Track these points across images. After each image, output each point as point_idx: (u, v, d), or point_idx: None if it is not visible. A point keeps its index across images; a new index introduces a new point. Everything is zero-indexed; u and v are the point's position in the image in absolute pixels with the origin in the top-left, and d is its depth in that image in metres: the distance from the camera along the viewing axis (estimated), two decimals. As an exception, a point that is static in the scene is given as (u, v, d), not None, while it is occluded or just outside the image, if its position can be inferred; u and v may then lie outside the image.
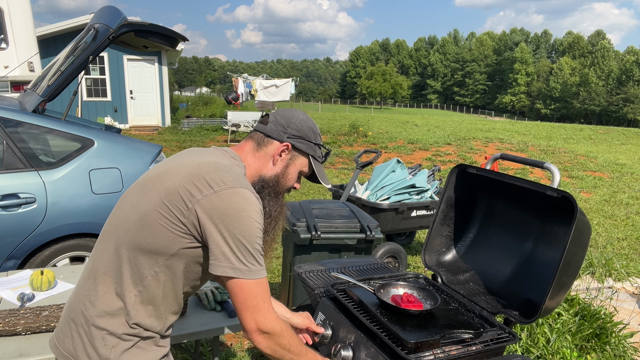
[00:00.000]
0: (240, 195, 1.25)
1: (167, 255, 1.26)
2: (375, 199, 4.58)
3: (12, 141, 3.03)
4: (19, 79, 6.37)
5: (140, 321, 1.28)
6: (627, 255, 5.61)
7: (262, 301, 1.26)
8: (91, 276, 1.31)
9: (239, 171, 1.36)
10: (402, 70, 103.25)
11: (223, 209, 1.22)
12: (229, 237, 1.22)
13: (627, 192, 9.57)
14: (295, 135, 1.44)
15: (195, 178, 1.26)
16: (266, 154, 1.43)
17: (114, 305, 1.27)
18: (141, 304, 1.28)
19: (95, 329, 1.26)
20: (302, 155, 1.47)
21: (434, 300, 1.68)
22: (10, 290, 2.14)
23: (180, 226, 1.24)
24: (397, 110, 69.87)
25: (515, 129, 21.01)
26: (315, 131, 1.48)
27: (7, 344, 1.69)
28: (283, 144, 1.43)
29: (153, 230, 1.25)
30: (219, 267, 1.23)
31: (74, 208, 3.10)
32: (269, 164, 1.43)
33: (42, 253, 3.09)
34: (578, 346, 3.08)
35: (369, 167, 9.36)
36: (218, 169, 1.29)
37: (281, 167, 1.44)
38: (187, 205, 1.23)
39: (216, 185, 1.24)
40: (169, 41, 3.61)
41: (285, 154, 1.44)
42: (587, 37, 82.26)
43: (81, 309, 1.29)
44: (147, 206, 1.27)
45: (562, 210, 1.60)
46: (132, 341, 1.28)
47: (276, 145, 1.43)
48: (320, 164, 1.52)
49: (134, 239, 1.26)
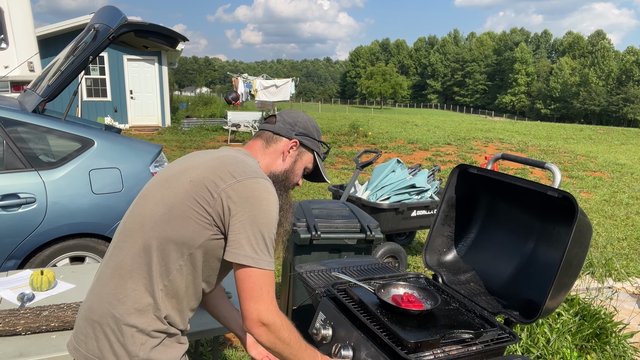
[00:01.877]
0: (261, 184, 1.31)
1: (193, 247, 1.30)
2: (375, 199, 4.58)
3: (12, 141, 3.03)
4: (19, 79, 6.37)
5: (168, 314, 1.32)
6: (627, 255, 5.61)
7: (267, 292, 1.28)
8: (116, 275, 1.32)
9: (256, 165, 1.42)
10: (402, 70, 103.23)
11: (246, 196, 1.28)
12: (248, 223, 1.27)
13: (627, 192, 9.57)
14: (302, 133, 1.52)
15: (218, 169, 1.32)
16: (275, 150, 1.50)
17: (143, 302, 1.29)
18: (167, 297, 1.31)
19: (126, 326, 1.28)
20: (308, 151, 1.55)
21: (434, 300, 1.68)
22: (10, 290, 2.13)
23: (206, 217, 1.28)
24: (397, 110, 69.89)
25: (515, 129, 21.01)
26: (317, 130, 1.58)
27: (7, 344, 1.69)
28: (292, 140, 1.50)
29: (181, 222, 1.28)
30: (232, 254, 1.27)
31: (74, 208, 3.10)
32: (279, 160, 1.50)
33: (42, 253, 3.09)
34: (578, 346, 3.08)
35: (369, 167, 9.35)
36: (238, 161, 1.36)
37: (290, 163, 1.51)
38: (212, 195, 1.28)
39: (239, 175, 1.30)
40: (169, 41, 3.61)
41: (294, 150, 1.51)
42: (587, 37, 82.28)
43: (108, 309, 1.30)
44: (173, 199, 1.31)
45: (563, 211, 1.60)
46: (159, 338, 1.31)
47: (285, 142, 1.50)
48: (322, 161, 1.60)
49: (163, 232, 1.29)
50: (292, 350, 1.34)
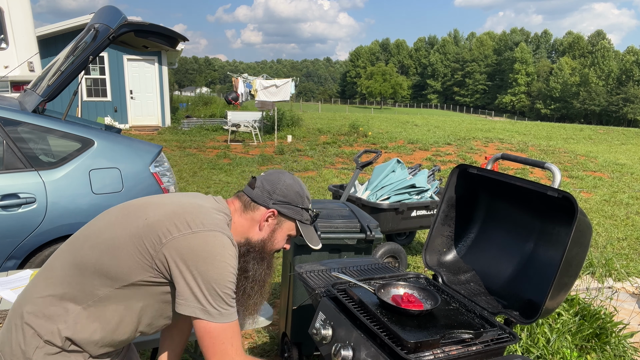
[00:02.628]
0: (217, 239, 1.26)
1: (124, 283, 1.25)
2: (375, 199, 4.58)
3: (12, 141, 3.03)
4: (19, 79, 6.37)
5: (74, 335, 1.25)
6: (627, 255, 5.61)
7: (231, 345, 1.25)
8: (44, 276, 1.31)
9: (222, 219, 1.35)
10: (402, 70, 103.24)
11: (197, 250, 1.23)
12: (200, 278, 1.22)
13: (627, 192, 9.57)
14: (281, 201, 1.44)
15: (177, 216, 1.27)
16: (252, 218, 1.44)
17: (52, 310, 1.25)
18: (87, 319, 1.26)
19: (27, 326, 1.25)
20: (289, 220, 1.47)
21: (434, 300, 1.68)
22: (10, 290, 2.14)
23: (147, 259, 1.24)
24: (397, 110, 69.88)
25: (515, 129, 21.01)
26: (302, 195, 1.48)
27: (7, 344, 1.69)
28: (269, 210, 1.43)
29: (118, 254, 1.24)
30: (188, 307, 1.23)
31: (74, 208, 3.10)
32: (256, 228, 1.44)
33: (42, 253, 3.09)
34: (578, 346, 3.08)
35: (369, 167, 9.36)
36: (200, 212, 1.30)
37: (267, 233, 1.45)
38: (161, 240, 1.24)
39: (195, 226, 1.26)
40: (169, 41, 3.60)
41: (272, 220, 1.45)
42: (587, 37, 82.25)
43: (21, 305, 1.29)
44: (122, 231, 1.27)
45: (563, 211, 1.59)
46: (56, 349, 1.26)
47: (262, 212, 1.43)
48: (309, 226, 1.53)
49: (99, 257, 1.26)
50: None
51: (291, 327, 2.83)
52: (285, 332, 2.95)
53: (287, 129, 16.05)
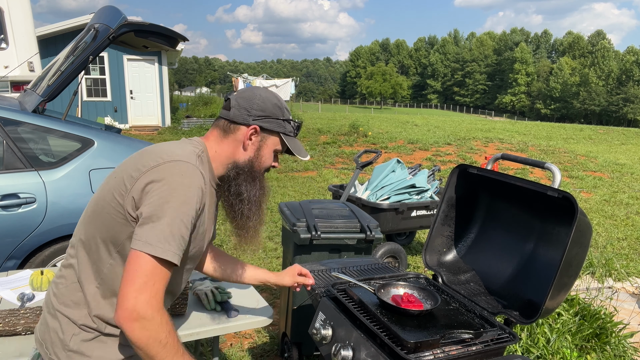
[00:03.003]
0: (178, 167, 1.21)
1: (118, 244, 1.23)
2: (375, 199, 4.58)
3: (12, 141, 3.03)
4: (19, 79, 6.37)
5: (101, 314, 1.26)
6: (627, 255, 5.61)
7: (153, 284, 1.13)
8: (64, 264, 1.34)
9: (190, 149, 1.30)
10: (402, 70, 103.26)
11: (157, 180, 1.18)
12: (154, 207, 1.15)
13: (627, 192, 9.57)
14: (261, 116, 1.38)
15: (139, 160, 1.25)
16: (235, 139, 1.38)
17: (76, 296, 1.27)
18: (103, 298, 1.26)
19: (60, 315, 1.27)
20: (273, 134, 1.41)
21: (434, 300, 1.68)
22: (10, 290, 2.13)
23: (121, 211, 1.21)
24: (397, 110, 69.87)
25: (515, 129, 21.01)
26: (280, 106, 1.41)
27: (7, 344, 1.69)
28: (250, 127, 1.37)
29: (102, 218, 1.24)
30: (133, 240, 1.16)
31: (74, 208, 3.10)
32: (240, 149, 1.38)
33: (42, 253, 3.09)
34: (578, 346, 3.08)
35: (369, 167, 9.36)
36: (163, 148, 1.27)
37: (253, 151, 1.39)
38: (126, 187, 1.21)
39: (156, 161, 1.22)
40: (169, 41, 3.60)
41: (255, 137, 1.39)
42: (587, 37, 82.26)
43: (51, 296, 1.32)
44: (99, 195, 1.28)
45: (563, 211, 1.59)
46: (92, 334, 1.26)
47: (243, 130, 1.37)
48: (294, 138, 1.46)
49: (89, 230, 1.27)
50: (168, 354, 1.16)
51: (291, 327, 2.83)
52: (285, 332, 2.95)
53: (287, 129, 16.00)
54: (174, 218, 1.16)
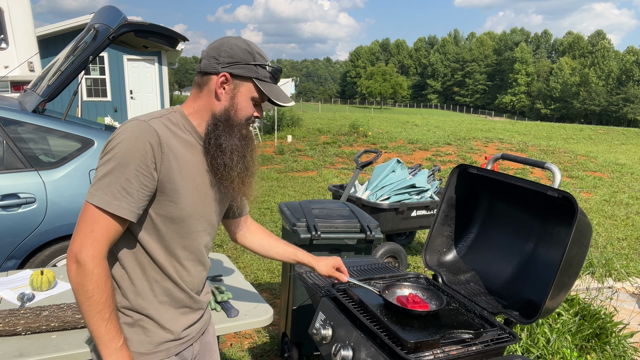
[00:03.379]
0: (121, 128, 1.22)
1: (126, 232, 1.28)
2: (375, 199, 4.58)
3: (12, 141, 3.03)
4: (19, 79, 6.37)
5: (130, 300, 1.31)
6: (627, 255, 5.61)
7: (92, 231, 1.18)
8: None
9: (150, 113, 1.32)
10: (402, 70, 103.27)
11: (106, 142, 1.24)
12: (98, 165, 1.22)
13: (627, 192, 9.57)
14: (230, 62, 1.32)
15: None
16: (209, 91, 1.34)
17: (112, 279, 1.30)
18: (122, 279, 1.30)
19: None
20: (246, 80, 1.34)
21: (440, 300, 1.68)
22: (10, 290, 2.14)
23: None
24: (397, 110, 69.86)
25: (515, 129, 21.01)
26: (251, 51, 1.34)
27: (7, 344, 1.69)
28: (219, 75, 1.32)
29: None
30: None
31: (74, 208, 3.10)
32: (214, 99, 1.34)
33: (42, 253, 3.09)
34: (578, 346, 3.08)
35: (369, 167, 9.36)
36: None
37: (227, 100, 1.34)
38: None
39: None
40: (169, 41, 3.60)
41: (228, 85, 1.33)
42: (587, 37, 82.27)
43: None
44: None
45: (563, 211, 1.60)
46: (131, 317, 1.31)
47: (214, 80, 1.33)
48: (271, 84, 1.39)
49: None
50: (90, 309, 1.18)
51: (291, 327, 2.83)
52: (285, 332, 2.95)
53: (287, 129, 16.05)
54: (112, 170, 1.19)
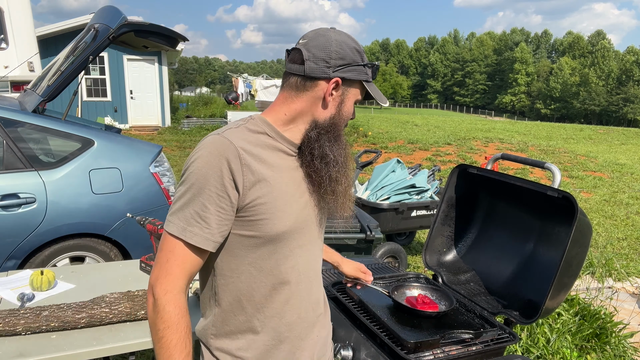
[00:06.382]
0: (201, 142, 1.14)
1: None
2: (375, 199, 4.58)
3: (12, 141, 3.03)
4: (19, 79, 6.37)
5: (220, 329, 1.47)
6: (627, 255, 5.61)
7: (167, 261, 1.10)
8: None
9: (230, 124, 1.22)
10: (402, 70, 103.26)
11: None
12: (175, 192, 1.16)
13: (627, 192, 9.57)
14: (342, 65, 1.17)
15: None
16: (312, 97, 1.18)
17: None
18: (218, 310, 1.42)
19: None
20: (354, 84, 1.21)
21: (449, 300, 1.68)
22: (10, 290, 2.13)
23: None
24: (397, 110, 69.87)
25: (515, 129, 21.01)
26: (359, 49, 1.20)
27: (7, 344, 1.69)
28: (332, 81, 1.16)
29: None
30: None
31: (74, 208, 3.10)
32: (319, 107, 1.19)
33: (42, 253, 3.09)
34: (578, 346, 3.08)
35: (369, 167, 9.36)
36: None
37: (335, 107, 1.20)
38: None
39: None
40: (169, 41, 3.61)
41: (337, 91, 1.19)
42: (587, 37, 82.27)
43: None
44: None
45: (563, 211, 1.60)
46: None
47: (323, 86, 1.17)
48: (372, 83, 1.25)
49: None
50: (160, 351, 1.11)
51: (291, 327, 2.83)
52: (285, 332, 2.94)
53: (287, 129, 16.02)
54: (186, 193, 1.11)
